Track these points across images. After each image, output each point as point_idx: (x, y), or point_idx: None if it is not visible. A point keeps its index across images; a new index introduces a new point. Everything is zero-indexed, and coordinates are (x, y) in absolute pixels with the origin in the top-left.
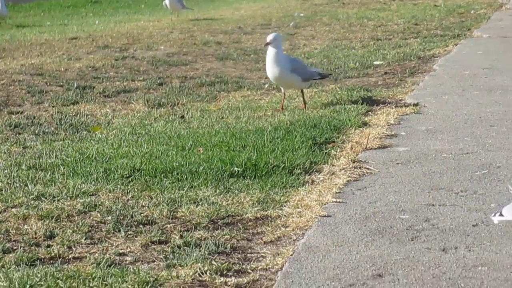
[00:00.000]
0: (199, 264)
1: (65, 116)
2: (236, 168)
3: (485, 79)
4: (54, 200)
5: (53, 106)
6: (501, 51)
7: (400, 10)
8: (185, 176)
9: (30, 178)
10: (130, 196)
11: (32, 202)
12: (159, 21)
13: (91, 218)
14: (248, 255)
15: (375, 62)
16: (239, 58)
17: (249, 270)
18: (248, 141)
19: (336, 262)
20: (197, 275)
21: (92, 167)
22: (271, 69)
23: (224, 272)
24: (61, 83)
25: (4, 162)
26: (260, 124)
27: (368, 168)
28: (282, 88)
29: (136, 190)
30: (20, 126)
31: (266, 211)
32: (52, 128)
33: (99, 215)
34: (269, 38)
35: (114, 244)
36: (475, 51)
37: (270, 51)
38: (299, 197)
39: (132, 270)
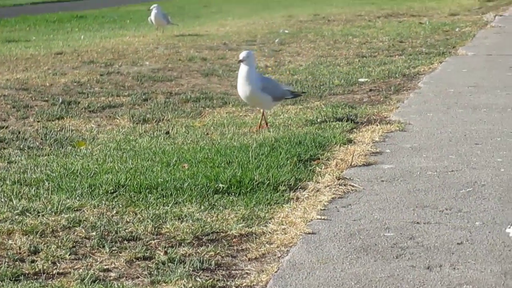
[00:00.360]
0: (184, 280)
1: (50, 131)
2: (221, 185)
3: (470, 97)
4: (38, 215)
5: (38, 121)
6: (486, 69)
7: (385, 28)
8: (170, 192)
9: (14, 193)
10: (114, 211)
11: (16, 217)
12: (144, 36)
13: (76, 233)
14: (233, 271)
15: (360, 79)
16: (224, 74)
17: (234, 287)
18: (233, 158)
19: (320, 280)
20: None
21: (77, 182)
22: (242, 88)
23: None
24: (46, 98)
25: None
26: (245, 140)
27: (353, 185)
28: (250, 106)
29: (120, 205)
30: (5, 141)
31: (250, 227)
32: (37, 143)
33: (83, 231)
34: (242, 55)
35: (98, 259)
36: (460, 69)
37: (242, 69)
38: (283, 214)
39: (116, 286)
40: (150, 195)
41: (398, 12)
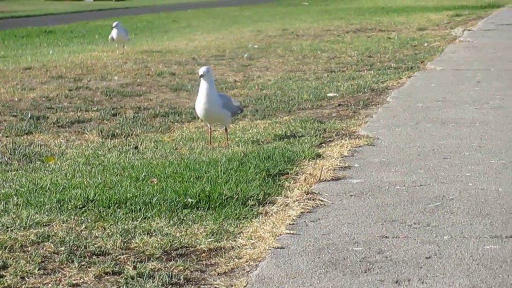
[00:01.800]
0: None
1: (19, 146)
2: (189, 199)
3: (438, 112)
4: (7, 231)
5: (6, 136)
6: (454, 84)
7: (354, 42)
8: (139, 207)
9: None
10: (83, 226)
11: None
12: (113, 51)
13: (45, 248)
14: (202, 286)
15: (328, 94)
16: (193, 89)
17: None
18: (201, 172)
19: None
20: None
21: (46, 197)
22: (203, 106)
23: None
24: (15, 113)
25: None
26: (214, 155)
27: (321, 200)
28: (208, 124)
29: (89, 220)
30: None
31: (219, 242)
32: (6, 158)
33: (52, 246)
34: (202, 70)
35: (67, 274)
36: (429, 83)
37: (202, 86)
38: (252, 229)
39: None
40: (119, 210)
41: (366, 27)
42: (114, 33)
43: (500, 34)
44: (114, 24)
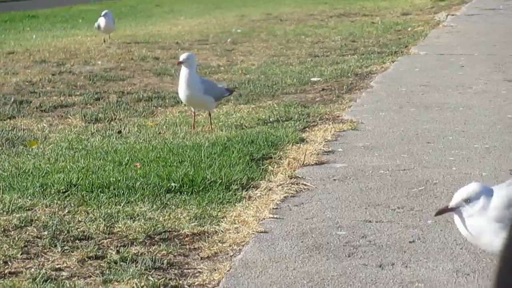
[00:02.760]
0: (136, 279)
1: (2, 131)
2: (173, 184)
3: (422, 96)
4: None
5: None
6: (437, 68)
7: (338, 27)
8: (122, 192)
9: None
10: (66, 211)
11: None
12: (96, 36)
13: (27, 233)
14: (185, 270)
15: (312, 79)
16: (177, 73)
17: (186, 286)
18: (185, 157)
19: (273, 278)
20: None
21: (29, 182)
22: (184, 91)
23: None
24: None
25: None
26: (197, 139)
27: (305, 184)
28: (192, 108)
29: (72, 205)
30: None
31: (203, 226)
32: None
33: (35, 230)
34: (182, 57)
35: (50, 259)
36: (412, 68)
37: (183, 72)
38: (236, 213)
39: (68, 285)
40: (102, 194)
41: (350, 12)
42: (102, 22)
43: (484, 19)
44: (103, 12)
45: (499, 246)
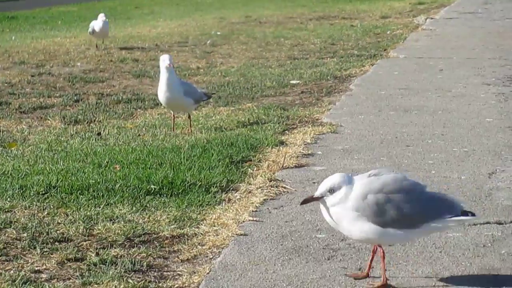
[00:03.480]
0: (115, 282)
1: None
2: (152, 186)
3: (401, 99)
4: None
5: None
6: (417, 72)
7: (317, 30)
8: (102, 194)
9: None
10: (46, 213)
11: None
12: (75, 37)
13: (7, 235)
14: (165, 273)
15: (291, 81)
16: (156, 75)
17: None
18: (164, 159)
19: (252, 281)
20: None
21: (8, 183)
22: (164, 93)
23: None
24: None
25: None
26: (177, 142)
27: (284, 187)
28: (172, 111)
29: (52, 207)
30: None
31: (182, 229)
32: None
33: (14, 232)
34: (169, 60)
35: (29, 261)
36: (391, 71)
37: (163, 74)
38: (215, 216)
39: (47, 287)
40: (81, 196)
41: (329, 15)
42: (97, 26)
43: (463, 23)
44: (100, 16)
45: (357, 234)
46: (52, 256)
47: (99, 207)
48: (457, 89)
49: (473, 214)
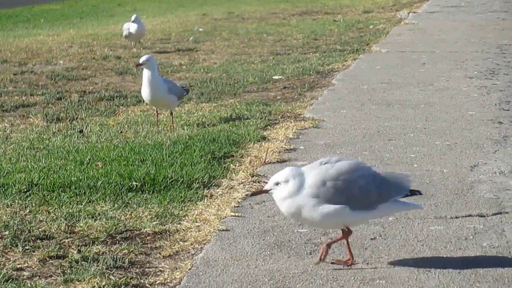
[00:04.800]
0: (97, 279)
1: None
2: (134, 183)
3: (383, 94)
4: None
5: None
6: (399, 66)
7: (300, 25)
8: (84, 191)
9: None
10: (27, 210)
11: None
12: (58, 35)
13: None
14: (146, 269)
15: (274, 77)
16: (139, 73)
17: (147, 285)
18: (147, 156)
19: (234, 276)
20: None
21: None
22: (148, 92)
23: (122, 287)
24: None
25: None
26: (159, 138)
27: (266, 182)
28: (155, 107)
29: (33, 204)
30: None
31: (164, 225)
32: None
33: None
34: (142, 59)
35: (11, 259)
36: (374, 66)
37: (145, 74)
38: (197, 211)
39: (29, 285)
40: (63, 193)
41: (312, 10)
42: (132, 27)
43: (445, 16)
44: (133, 17)
45: (319, 218)
46: (34, 253)
47: (81, 205)
48: (439, 83)
49: (420, 193)
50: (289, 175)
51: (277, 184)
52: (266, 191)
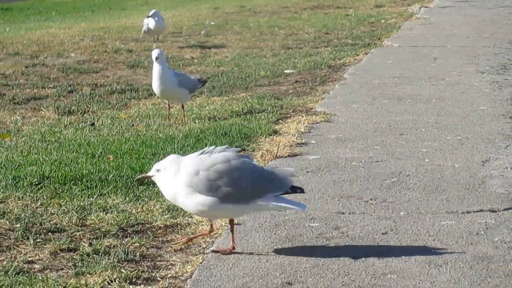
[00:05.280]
0: (108, 272)
1: None
2: None
3: (395, 88)
4: None
5: None
6: (410, 60)
7: (311, 19)
8: (95, 184)
9: None
10: (39, 203)
11: None
12: (70, 28)
13: (0, 225)
14: (158, 263)
15: (286, 71)
16: (150, 66)
17: (159, 278)
18: (158, 149)
19: (245, 270)
20: (106, 283)
21: (1, 174)
22: (158, 85)
23: (133, 280)
24: None
25: None
26: (171, 132)
27: None
28: (167, 100)
29: (45, 197)
30: None
31: (175, 218)
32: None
33: (7, 223)
34: (156, 54)
35: (22, 251)
36: (385, 60)
37: (156, 68)
38: None
39: (40, 278)
40: (75, 186)
41: (324, 4)
42: (151, 23)
43: (457, 11)
44: (152, 12)
45: (192, 207)
46: (45, 246)
47: (92, 198)
48: (451, 78)
49: (302, 191)
50: (168, 162)
51: (157, 170)
52: (149, 177)
